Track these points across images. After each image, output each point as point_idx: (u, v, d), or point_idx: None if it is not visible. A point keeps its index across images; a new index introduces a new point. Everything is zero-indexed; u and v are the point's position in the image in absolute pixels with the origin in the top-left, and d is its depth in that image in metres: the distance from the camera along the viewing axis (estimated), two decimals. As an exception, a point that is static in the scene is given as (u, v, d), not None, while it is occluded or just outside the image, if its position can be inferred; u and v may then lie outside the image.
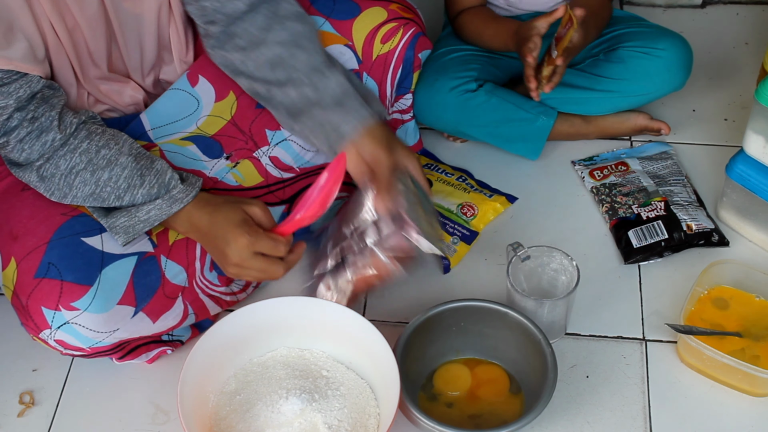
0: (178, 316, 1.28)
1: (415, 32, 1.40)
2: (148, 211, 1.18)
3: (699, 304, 1.31)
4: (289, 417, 1.20)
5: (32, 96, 1.13)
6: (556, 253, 1.30)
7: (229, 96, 1.35)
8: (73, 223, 1.20)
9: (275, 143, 1.36)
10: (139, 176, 1.17)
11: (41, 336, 1.19)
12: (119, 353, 1.28)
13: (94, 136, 1.17)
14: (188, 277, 1.27)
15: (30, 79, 1.12)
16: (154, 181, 1.18)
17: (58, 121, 1.14)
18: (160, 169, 1.19)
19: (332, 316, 1.25)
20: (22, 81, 1.11)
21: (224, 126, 1.34)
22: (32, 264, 1.17)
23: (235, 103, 1.34)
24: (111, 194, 1.17)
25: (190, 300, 1.29)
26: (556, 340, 1.33)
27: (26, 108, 1.12)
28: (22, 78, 1.11)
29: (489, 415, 1.24)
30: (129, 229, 1.19)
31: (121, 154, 1.17)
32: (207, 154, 1.33)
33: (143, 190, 1.17)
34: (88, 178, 1.16)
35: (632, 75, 1.54)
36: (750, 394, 1.26)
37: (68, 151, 1.15)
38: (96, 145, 1.17)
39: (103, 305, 1.18)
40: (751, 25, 1.85)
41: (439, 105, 1.54)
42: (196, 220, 1.20)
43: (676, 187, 1.49)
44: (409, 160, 1.26)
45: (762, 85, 1.27)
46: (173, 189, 1.19)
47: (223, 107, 1.34)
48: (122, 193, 1.17)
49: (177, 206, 1.19)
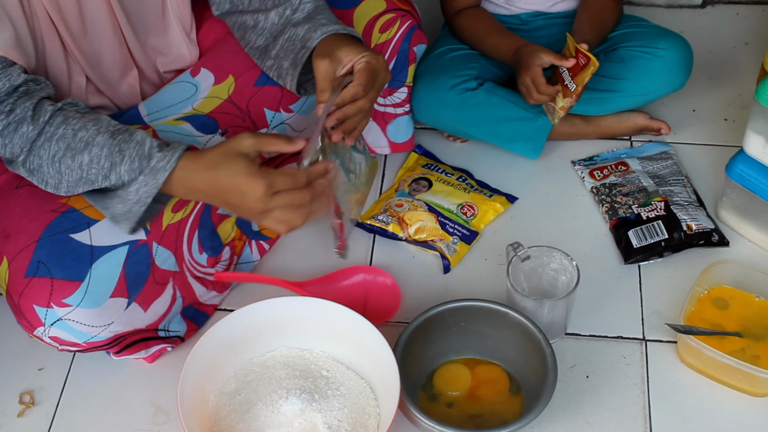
0: (167, 303, 1.28)
1: (411, 25, 1.42)
2: (136, 191, 1.13)
3: (699, 304, 1.31)
4: (289, 417, 1.20)
5: (13, 90, 1.10)
6: (556, 253, 1.30)
7: (228, 79, 1.34)
8: (62, 220, 1.19)
9: (274, 125, 1.36)
10: (118, 152, 1.12)
11: (36, 333, 1.19)
12: (116, 347, 1.28)
13: (70, 120, 1.13)
14: (177, 261, 1.27)
15: (10, 72, 1.10)
16: (134, 154, 1.12)
17: (32, 111, 1.11)
18: (140, 140, 1.13)
19: (332, 316, 1.25)
20: (1, 74, 1.09)
21: (220, 104, 1.33)
22: (22, 263, 1.17)
23: (234, 83, 1.34)
24: (98, 175, 1.12)
25: (179, 284, 1.29)
26: (556, 340, 1.33)
27: (5, 101, 1.10)
28: (2, 71, 1.09)
29: (489, 415, 1.24)
30: (128, 214, 1.15)
31: (99, 133, 1.12)
32: (201, 130, 1.31)
33: (125, 166, 1.12)
34: (71, 164, 1.12)
35: (632, 75, 1.54)
36: (750, 394, 1.26)
37: (45, 140, 1.12)
38: (72, 129, 1.12)
39: (95, 300, 1.18)
40: (751, 25, 1.85)
41: (439, 104, 1.54)
42: (193, 182, 1.13)
43: (676, 187, 1.49)
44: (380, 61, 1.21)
45: (762, 85, 1.27)
46: (152, 159, 1.11)
47: (221, 89, 1.34)
48: (107, 172, 1.12)
49: (162, 175, 1.11)
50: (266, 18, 1.29)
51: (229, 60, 1.36)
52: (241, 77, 1.34)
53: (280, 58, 1.28)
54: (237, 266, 1.41)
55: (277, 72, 1.29)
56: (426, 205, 1.49)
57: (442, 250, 1.44)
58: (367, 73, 1.18)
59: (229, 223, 1.36)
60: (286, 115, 1.37)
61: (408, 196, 1.51)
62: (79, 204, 1.21)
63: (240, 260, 1.41)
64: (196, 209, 1.30)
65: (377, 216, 1.49)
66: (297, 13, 1.27)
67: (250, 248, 1.43)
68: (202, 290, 1.35)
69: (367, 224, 1.48)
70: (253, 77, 1.34)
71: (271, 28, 1.29)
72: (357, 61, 1.18)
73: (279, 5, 1.28)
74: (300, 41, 1.24)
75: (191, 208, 1.29)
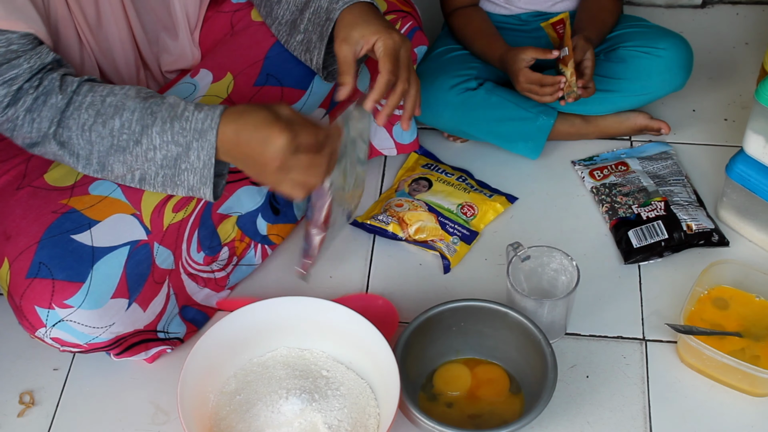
0: (162, 301, 1.28)
1: (412, 26, 1.41)
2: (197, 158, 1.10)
3: (699, 304, 1.31)
4: (289, 417, 1.20)
5: (43, 67, 1.12)
6: (556, 253, 1.30)
7: (226, 77, 1.34)
8: (63, 221, 1.19)
9: None
10: (150, 114, 1.11)
11: (37, 334, 1.19)
12: (117, 349, 1.28)
13: (97, 87, 1.13)
14: (175, 259, 1.28)
15: (40, 51, 1.11)
16: (167, 115, 1.11)
17: (59, 82, 1.12)
18: (172, 102, 1.12)
19: (332, 316, 1.25)
20: (32, 53, 1.10)
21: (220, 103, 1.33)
22: (23, 264, 1.17)
23: (232, 82, 1.34)
24: (129, 140, 1.11)
25: (173, 282, 1.29)
26: (556, 340, 1.33)
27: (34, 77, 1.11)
28: (32, 51, 1.11)
29: (489, 415, 1.24)
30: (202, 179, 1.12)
31: (128, 97, 1.12)
32: None
33: (156, 128, 1.11)
34: (101, 131, 1.12)
35: (633, 75, 1.54)
36: (750, 394, 1.26)
37: (74, 110, 1.12)
38: (101, 95, 1.12)
39: (96, 300, 1.18)
40: (751, 25, 1.85)
41: (439, 103, 1.54)
42: (225, 136, 1.10)
43: (676, 187, 1.49)
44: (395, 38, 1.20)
45: (762, 85, 1.27)
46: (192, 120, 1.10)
47: (219, 87, 1.34)
48: (138, 136, 1.11)
49: (211, 134, 1.09)
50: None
51: (227, 57, 1.35)
52: (239, 75, 1.34)
53: (309, 32, 1.27)
54: (237, 267, 1.41)
55: (307, 46, 1.29)
56: (426, 205, 1.49)
57: (442, 250, 1.44)
58: (388, 57, 1.17)
59: (229, 223, 1.36)
60: None
61: (408, 196, 1.51)
62: (80, 205, 1.21)
63: (242, 261, 1.41)
64: (197, 209, 1.30)
65: (377, 216, 1.49)
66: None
67: (255, 251, 1.42)
68: (193, 287, 1.35)
69: (367, 224, 1.48)
70: (252, 76, 1.34)
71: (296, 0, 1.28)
72: (375, 47, 1.18)
73: None
74: (324, 13, 1.24)
75: (192, 207, 1.29)
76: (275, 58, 1.35)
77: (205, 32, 1.39)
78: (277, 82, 1.34)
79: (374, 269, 1.46)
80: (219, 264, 1.37)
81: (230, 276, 1.40)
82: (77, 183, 1.24)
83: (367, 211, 1.52)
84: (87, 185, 1.24)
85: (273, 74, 1.35)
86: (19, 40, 1.09)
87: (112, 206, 1.23)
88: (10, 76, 1.09)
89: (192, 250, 1.31)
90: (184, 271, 1.31)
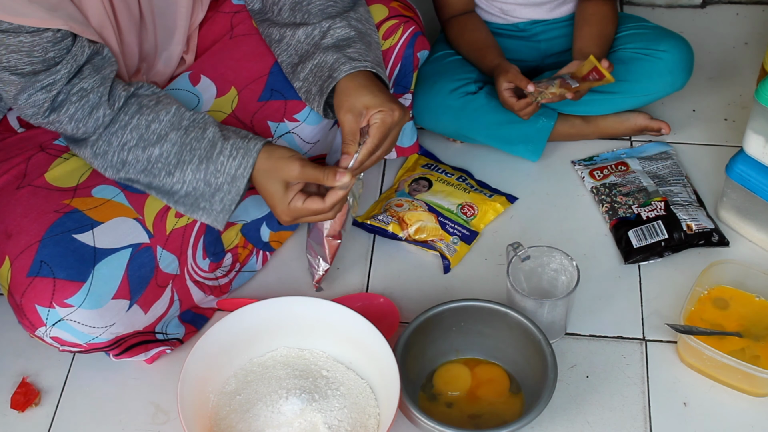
0: (165, 305, 1.29)
1: (414, 31, 1.41)
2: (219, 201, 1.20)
3: (699, 304, 1.31)
4: (289, 417, 1.20)
5: (78, 69, 1.14)
6: (556, 253, 1.30)
7: (231, 91, 1.35)
8: (65, 220, 1.20)
9: (279, 135, 1.35)
10: (189, 151, 1.18)
11: (37, 333, 1.19)
12: (116, 350, 1.28)
13: (144, 110, 1.19)
14: (180, 265, 1.28)
15: (74, 53, 1.13)
16: (204, 155, 1.18)
17: (108, 96, 1.16)
18: (211, 138, 1.19)
19: (332, 316, 1.25)
20: (68, 57, 1.13)
21: (225, 119, 1.33)
22: (25, 263, 1.17)
23: (237, 97, 1.34)
24: (162, 170, 1.19)
25: (177, 287, 1.30)
26: (556, 340, 1.33)
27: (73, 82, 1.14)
28: (67, 54, 1.12)
29: (489, 415, 1.24)
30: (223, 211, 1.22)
31: (172, 128, 1.19)
32: None
33: (192, 166, 1.18)
34: (139, 155, 1.18)
35: (633, 76, 1.54)
36: (750, 394, 1.26)
37: (119, 128, 1.18)
38: (146, 119, 1.18)
39: (97, 301, 1.18)
40: (751, 25, 1.85)
41: (439, 108, 1.54)
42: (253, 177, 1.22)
43: (676, 187, 1.49)
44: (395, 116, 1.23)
45: (762, 85, 1.27)
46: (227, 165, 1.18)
47: (224, 102, 1.34)
48: (172, 168, 1.19)
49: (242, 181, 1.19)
50: (293, 35, 1.29)
51: (231, 69, 1.35)
52: (244, 90, 1.34)
53: (309, 83, 1.28)
54: (240, 274, 1.41)
55: (306, 96, 1.31)
56: (426, 205, 1.49)
57: (442, 250, 1.44)
58: (380, 131, 1.20)
59: (233, 230, 1.36)
60: (291, 125, 1.36)
61: (408, 196, 1.51)
62: (83, 206, 1.21)
63: (244, 268, 1.41)
64: None
65: (377, 216, 1.49)
66: (326, 38, 1.27)
67: (256, 257, 1.43)
68: (200, 295, 1.35)
69: (367, 224, 1.48)
70: (257, 92, 1.34)
71: (297, 46, 1.29)
72: (372, 116, 1.20)
73: (308, 24, 1.28)
74: (328, 70, 1.25)
75: None
76: (279, 73, 1.35)
77: (204, 32, 1.39)
78: (281, 96, 1.34)
79: (374, 269, 1.46)
80: (222, 270, 1.37)
81: (233, 282, 1.41)
82: (80, 185, 1.24)
83: (367, 211, 1.52)
84: (90, 188, 1.24)
85: (277, 89, 1.35)
86: (53, 47, 1.11)
87: (114, 209, 1.23)
88: (48, 81, 1.13)
89: (198, 256, 1.31)
90: (189, 279, 1.31)
